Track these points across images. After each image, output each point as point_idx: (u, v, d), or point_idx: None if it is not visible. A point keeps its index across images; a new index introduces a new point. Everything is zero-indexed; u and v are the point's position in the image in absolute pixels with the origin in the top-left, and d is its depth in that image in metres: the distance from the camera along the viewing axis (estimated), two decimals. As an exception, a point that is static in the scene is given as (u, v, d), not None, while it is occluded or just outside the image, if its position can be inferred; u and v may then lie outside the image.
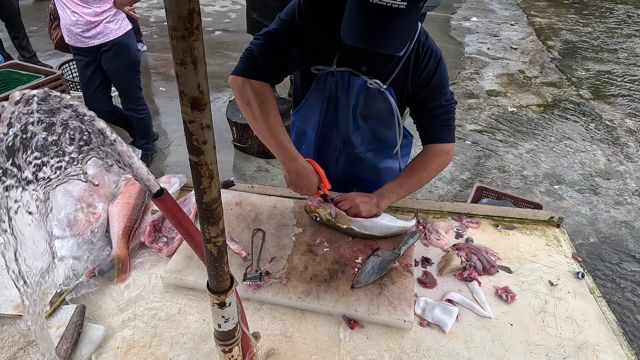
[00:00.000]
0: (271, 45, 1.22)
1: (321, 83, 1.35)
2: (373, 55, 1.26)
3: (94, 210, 1.33)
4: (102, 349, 1.03)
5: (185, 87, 0.46)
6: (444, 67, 1.33)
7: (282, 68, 1.27)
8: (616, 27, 7.23)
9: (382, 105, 1.34)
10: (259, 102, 1.23)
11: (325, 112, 1.43)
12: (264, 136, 1.29)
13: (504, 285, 1.21)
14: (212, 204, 0.57)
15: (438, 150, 1.38)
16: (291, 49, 1.24)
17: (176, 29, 0.42)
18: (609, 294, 2.56)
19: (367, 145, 1.49)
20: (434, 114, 1.34)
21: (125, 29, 2.84)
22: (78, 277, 1.16)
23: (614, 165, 3.76)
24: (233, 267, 1.23)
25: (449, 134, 1.38)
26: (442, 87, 1.33)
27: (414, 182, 1.40)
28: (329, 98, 1.38)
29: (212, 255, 0.63)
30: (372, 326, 1.10)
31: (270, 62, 1.22)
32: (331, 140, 1.50)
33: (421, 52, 1.28)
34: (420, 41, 1.28)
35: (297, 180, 1.33)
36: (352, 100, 1.35)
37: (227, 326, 0.74)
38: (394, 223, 1.36)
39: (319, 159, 1.59)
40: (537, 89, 5.12)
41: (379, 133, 1.46)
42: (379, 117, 1.40)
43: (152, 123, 3.42)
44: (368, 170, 1.57)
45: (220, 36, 6.48)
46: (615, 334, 1.10)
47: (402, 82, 1.32)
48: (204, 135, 0.50)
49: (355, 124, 1.42)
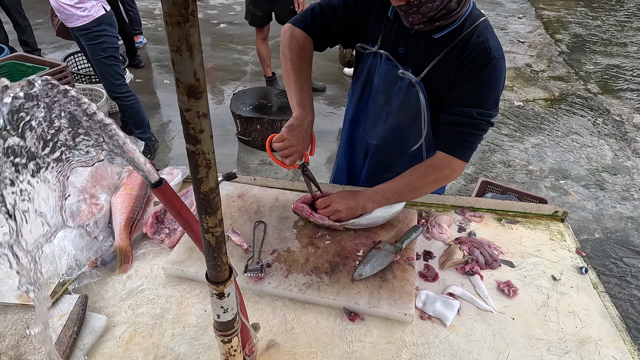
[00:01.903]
0: (326, 7, 1.29)
1: (364, 63, 1.34)
2: (411, 38, 1.22)
3: (97, 201, 1.33)
4: (103, 339, 1.04)
5: (182, 75, 0.45)
6: (497, 74, 1.14)
7: (327, 30, 1.31)
8: (626, 20, 7.12)
9: (411, 99, 1.26)
10: (297, 48, 1.29)
11: (360, 93, 1.40)
12: (289, 80, 1.29)
13: (506, 280, 1.20)
14: (210, 193, 0.56)
15: (444, 161, 1.24)
16: (342, 17, 1.28)
17: (171, 15, 0.41)
18: (613, 289, 2.55)
19: (389, 139, 1.40)
20: (456, 120, 1.18)
21: (95, 15, 2.85)
22: (80, 268, 1.17)
23: (621, 160, 3.72)
24: (235, 259, 1.23)
25: (463, 151, 1.21)
26: (482, 95, 1.16)
27: (407, 191, 1.29)
28: (367, 80, 1.35)
29: (210, 246, 0.63)
30: (373, 319, 1.10)
31: (318, 19, 1.29)
32: (361, 125, 1.46)
33: (470, 45, 1.15)
34: (473, 34, 1.15)
35: (289, 133, 1.23)
36: (381, 86, 1.30)
37: (226, 317, 0.74)
38: (389, 211, 1.30)
39: (349, 143, 1.57)
40: (544, 83, 5.06)
41: (403, 129, 1.36)
42: (406, 111, 1.30)
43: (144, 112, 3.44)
44: (390, 166, 1.48)
45: (225, 29, 6.46)
46: (618, 329, 1.09)
47: (439, 77, 1.20)
48: (200, 124, 0.50)
49: (381, 114, 1.36)
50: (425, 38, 1.21)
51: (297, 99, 1.27)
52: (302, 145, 1.26)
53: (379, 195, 1.29)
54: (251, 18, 4.11)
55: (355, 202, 1.28)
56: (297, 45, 1.29)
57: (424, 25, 1.17)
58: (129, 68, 4.52)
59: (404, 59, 1.25)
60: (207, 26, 6.56)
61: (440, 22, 1.15)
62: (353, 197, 1.29)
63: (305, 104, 1.26)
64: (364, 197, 1.29)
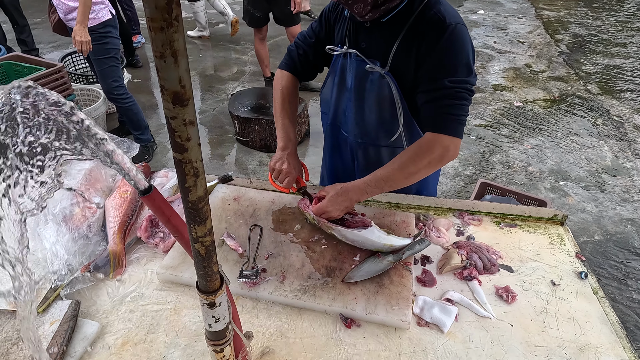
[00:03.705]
0: (300, 42, 1.45)
1: (335, 65, 1.38)
2: (368, 31, 1.26)
3: (90, 205, 1.31)
4: (96, 345, 1.02)
5: (166, 82, 0.44)
6: (459, 40, 1.11)
7: (306, 62, 1.45)
8: (626, 20, 7.09)
9: (384, 92, 1.26)
10: (280, 89, 1.44)
11: (337, 95, 1.42)
12: (275, 116, 1.44)
13: (505, 285, 1.19)
14: (198, 202, 0.55)
15: (433, 140, 1.16)
16: (313, 45, 1.41)
17: (154, 20, 0.40)
18: (613, 292, 2.53)
19: (372, 135, 1.40)
20: (432, 97, 1.14)
21: (102, 19, 2.95)
22: (73, 273, 1.16)
23: (621, 161, 3.71)
24: (230, 264, 1.22)
25: (450, 125, 1.14)
26: (449, 64, 1.12)
27: (400, 178, 1.20)
28: (341, 81, 1.38)
29: (200, 255, 0.61)
30: (369, 325, 1.08)
31: (295, 57, 1.45)
32: (342, 127, 1.47)
33: (424, 20, 1.13)
34: (425, 9, 1.13)
35: (279, 165, 1.36)
36: (355, 83, 1.32)
37: (218, 326, 0.72)
38: (381, 240, 1.19)
39: (334, 147, 1.58)
40: (544, 83, 5.04)
41: (383, 122, 1.35)
42: (382, 104, 1.29)
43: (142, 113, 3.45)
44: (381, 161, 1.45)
45: (223, 29, 6.44)
46: (618, 335, 1.07)
47: (404, 62, 1.19)
48: (187, 132, 0.48)
49: (359, 111, 1.36)
50: (379, 27, 1.22)
51: (279, 134, 1.42)
52: (293, 169, 1.37)
53: (371, 186, 1.22)
54: (250, 19, 4.11)
55: (344, 196, 1.23)
56: (281, 86, 1.45)
57: (372, 14, 1.18)
58: (127, 68, 4.50)
59: (369, 53, 1.26)
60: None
61: (385, 5, 1.16)
62: (343, 190, 1.24)
63: (285, 138, 1.40)
64: (355, 190, 1.23)
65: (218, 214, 1.40)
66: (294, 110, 1.46)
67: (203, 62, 5.37)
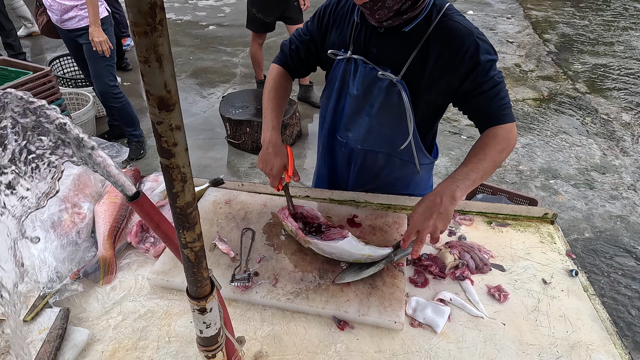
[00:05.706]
0: (294, 38, 1.45)
1: (336, 70, 1.36)
2: (381, 37, 1.23)
3: (79, 211, 1.30)
4: (86, 353, 1.01)
5: (151, 87, 0.43)
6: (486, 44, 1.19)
7: (297, 58, 1.45)
8: (612, 19, 7.20)
9: (393, 99, 1.26)
10: (271, 82, 1.45)
11: (337, 100, 1.41)
12: (263, 107, 1.43)
13: (497, 284, 1.19)
14: (187, 208, 0.54)
15: (500, 132, 1.21)
16: (307, 43, 1.41)
17: (137, 25, 0.39)
18: (603, 288, 2.56)
19: (374, 142, 1.39)
20: (490, 94, 1.19)
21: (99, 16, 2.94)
22: (62, 280, 1.14)
23: (609, 159, 3.75)
24: (221, 268, 1.21)
25: (510, 112, 1.22)
26: (487, 64, 1.18)
27: (490, 169, 1.19)
28: (342, 86, 1.37)
29: (190, 261, 0.60)
30: (363, 327, 1.08)
31: (287, 52, 1.46)
32: (339, 132, 1.46)
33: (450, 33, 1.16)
34: (447, 20, 1.17)
35: (264, 154, 1.34)
36: (360, 90, 1.31)
37: (209, 332, 0.72)
38: (358, 250, 1.16)
39: (329, 152, 1.57)
40: (533, 82, 5.09)
41: (388, 129, 1.34)
42: (389, 112, 1.30)
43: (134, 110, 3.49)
44: (378, 168, 1.47)
45: (214, 31, 6.42)
46: (608, 332, 1.08)
47: (419, 71, 1.21)
48: (174, 137, 0.47)
49: (361, 117, 1.36)
50: (395, 34, 1.21)
51: (265, 124, 1.40)
52: (277, 160, 1.31)
53: (461, 181, 1.14)
54: (257, 26, 4.00)
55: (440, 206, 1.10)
56: (271, 77, 1.47)
57: (392, 21, 1.17)
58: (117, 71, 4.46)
59: (379, 60, 1.25)
60: (196, 28, 6.51)
61: (407, 14, 1.15)
62: (433, 205, 1.10)
63: (270, 126, 1.38)
64: (444, 195, 1.11)
65: (209, 217, 1.39)
66: (281, 100, 1.44)
67: (193, 64, 5.34)
